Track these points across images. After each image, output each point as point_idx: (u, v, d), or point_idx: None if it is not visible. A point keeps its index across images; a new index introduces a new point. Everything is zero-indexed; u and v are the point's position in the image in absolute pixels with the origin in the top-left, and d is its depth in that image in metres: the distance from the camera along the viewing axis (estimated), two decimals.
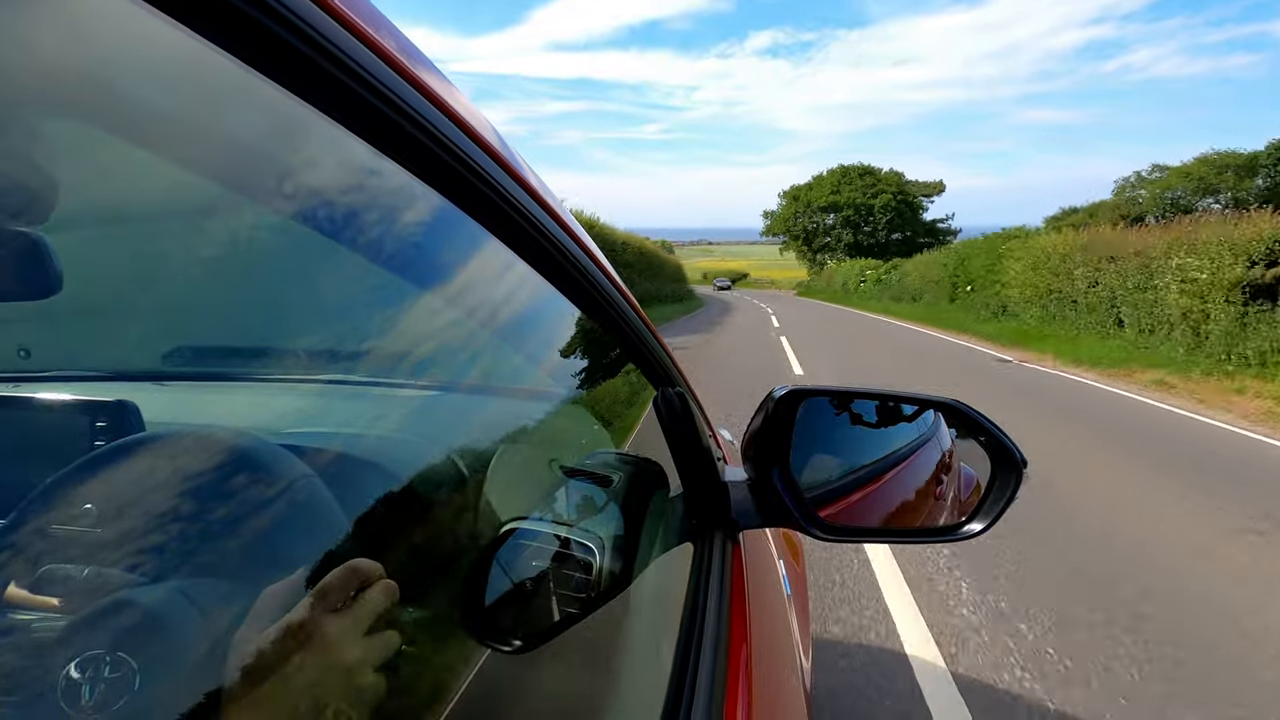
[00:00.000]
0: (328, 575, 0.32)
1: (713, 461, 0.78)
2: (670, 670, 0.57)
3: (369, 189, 0.37)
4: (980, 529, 0.72)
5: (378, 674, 0.32)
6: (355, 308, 0.47)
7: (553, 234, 0.47)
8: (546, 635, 0.50)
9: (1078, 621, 2.41)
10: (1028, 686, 2.02)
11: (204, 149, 0.30)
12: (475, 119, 0.39)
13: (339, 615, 0.31)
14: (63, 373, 0.69)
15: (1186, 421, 6.06)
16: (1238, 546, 3.15)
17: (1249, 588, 2.74)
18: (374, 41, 0.29)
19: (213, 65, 0.24)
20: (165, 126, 0.28)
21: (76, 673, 0.29)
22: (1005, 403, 6.57)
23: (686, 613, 0.65)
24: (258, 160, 0.33)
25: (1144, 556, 3.02)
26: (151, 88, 0.26)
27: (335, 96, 0.28)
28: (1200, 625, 2.43)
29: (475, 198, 0.39)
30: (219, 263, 0.38)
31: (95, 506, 0.35)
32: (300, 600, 0.31)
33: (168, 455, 0.40)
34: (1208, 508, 3.67)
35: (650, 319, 0.71)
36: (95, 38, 0.24)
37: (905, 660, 2.16)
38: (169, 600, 0.32)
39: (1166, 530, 3.34)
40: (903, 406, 0.79)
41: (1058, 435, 5.25)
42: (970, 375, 8.79)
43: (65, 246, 0.38)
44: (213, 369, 0.79)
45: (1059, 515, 3.45)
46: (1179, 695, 2.00)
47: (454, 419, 0.70)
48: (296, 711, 0.29)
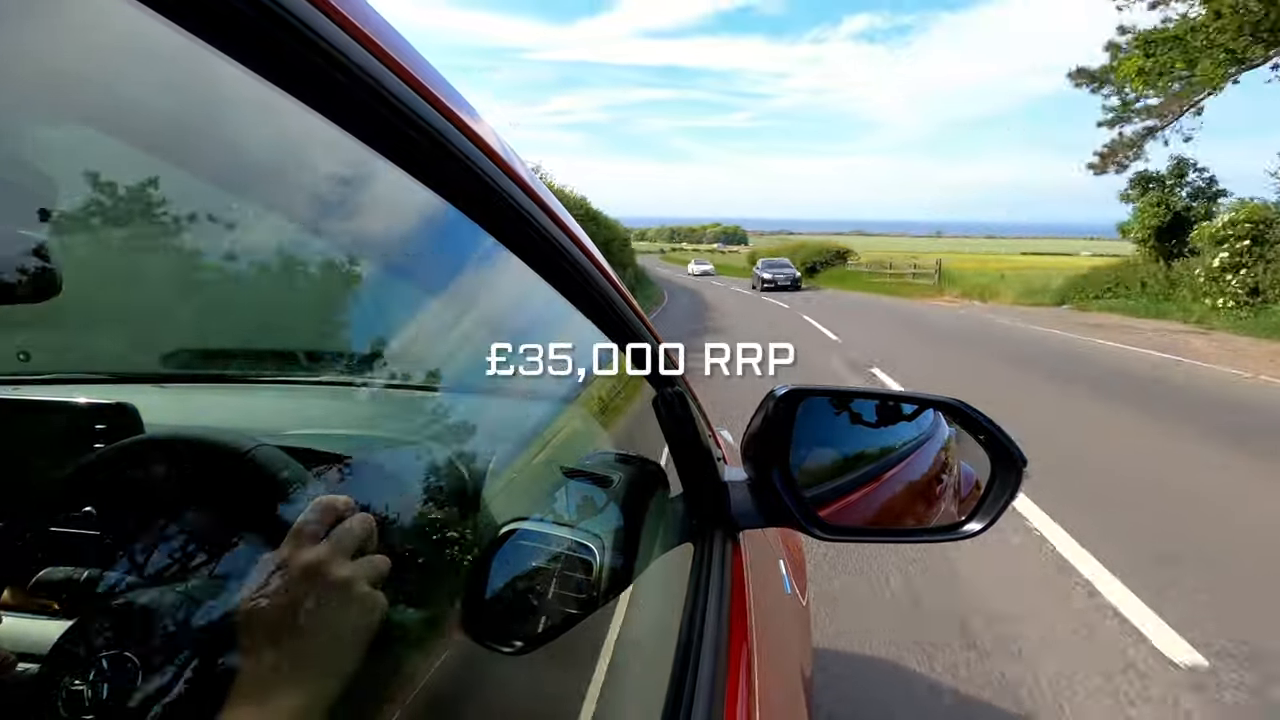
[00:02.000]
0: (301, 515, 0.31)
1: (713, 461, 0.78)
2: (670, 670, 0.57)
3: (367, 190, 0.37)
4: (980, 528, 0.72)
5: (373, 590, 0.31)
6: (354, 310, 0.47)
7: (551, 234, 0.47)
8: (547, 636, 0.50)
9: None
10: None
11: (203, 151, 0.30)
12: (475, 120, 0.39)
13: (324, 550, 0.30)
14: (62, 375, 0.69)
15: None
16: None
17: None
18: (371, 41, 0.29)
19: (212, 67, 0.24)
20: (165, 129, 0.28)
21: (78, 673, 0.29)
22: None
23: (686, 613, 0.65)
24: (257, 162, 0.33)
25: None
26: (151, 90, 0.27)
27: (333, 98, 0.28)
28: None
29: (473, 198, 0.39)
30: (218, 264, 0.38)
31: (96, 509, 0.35)
32: (281, 549, 0.30)
33: (168, 457, 0.40)
34: None
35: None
36: (96, 40, 0.24)
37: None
38: (169, 601, 0.32)
39: None
40: (902, 405, 0.79)
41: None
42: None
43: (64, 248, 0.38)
44: (213, 371, 0.79)
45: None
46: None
47: (454, 420, 0.70)
48: (305, 654, 0.28)
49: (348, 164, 0.35)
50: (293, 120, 0.29)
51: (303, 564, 0.29)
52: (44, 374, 0.67)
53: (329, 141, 0.31)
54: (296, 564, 0.29)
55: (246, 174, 0.33)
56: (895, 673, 1.94)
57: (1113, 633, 2.13)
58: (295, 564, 0.29)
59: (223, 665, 0.28)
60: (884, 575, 2.48)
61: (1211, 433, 4.52)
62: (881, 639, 2.07)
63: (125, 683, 0.30)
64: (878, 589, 2.41)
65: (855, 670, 1.95)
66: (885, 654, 2.01)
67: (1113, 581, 2.43)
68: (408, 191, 0.37)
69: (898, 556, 2.53)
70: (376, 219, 0.39)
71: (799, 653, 0.98)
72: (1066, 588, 2.43)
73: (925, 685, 1.88)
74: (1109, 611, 2.25)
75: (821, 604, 2.23)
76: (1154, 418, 4.99)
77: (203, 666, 0.31)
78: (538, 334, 0.67)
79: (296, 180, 0.34)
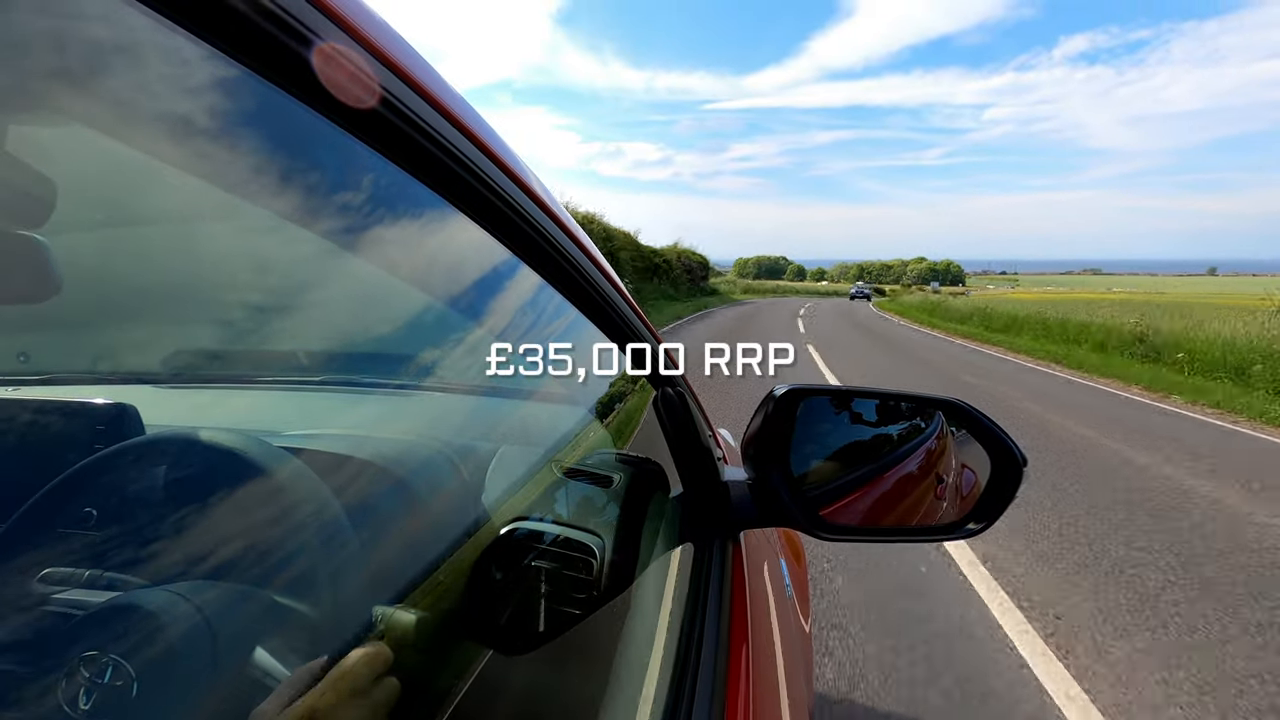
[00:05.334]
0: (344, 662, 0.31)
1: (713, 461, 0.78)
2: (670, 670, 0.57)
3: (367, 191, 0.37)
4: (981, 527, 0.72)
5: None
6: (354, 310, 0.47)
7: (550, 234, 0.47)
8: (547, 635, 0.50)
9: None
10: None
11: (203, 152, 0.30)
12: (475, 121, 0.39)
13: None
14: (62, 375, 0.69)
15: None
16: None
17: None
18: (377, 49, 0.29)
19: (214, 68, 0.24)
20: (164, 129, 0.28)
21: (76, 675, 0.29)
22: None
23: (687, 613, 0.65)
24: (256, 163, 0.33)
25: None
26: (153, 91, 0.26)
27: (335, 99, 0.28)
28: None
29: (473, 198, 0.39)
30: (218, 265, 0.38)
31: (95, 510, 0.35)
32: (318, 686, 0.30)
33: (168, 458, 0.40)
34: None
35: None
36: (96, 41, 0.23)
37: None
38: (169, 603, 0.32)
39: None
40: (902, 405, 0.79)
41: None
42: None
43: (64, 249, 0.38)
44: (213, 372, 0.79)
45: None
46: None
47: (454, 419, 0.70)
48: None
49: (350, 166, 0.35)
50: (293, 120, 0.29)
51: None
52: (44, 374, 0.67)
53: (331, 143, 0.31)
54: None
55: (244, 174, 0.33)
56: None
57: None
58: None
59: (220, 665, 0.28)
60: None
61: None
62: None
63: (123, 685, 0.30)
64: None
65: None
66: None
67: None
68: (409, 192, 0.37)
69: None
70: (377, 220, 0.39)
71: (799, 652, 0.98)
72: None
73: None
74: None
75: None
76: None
77: (200, 668, 0.31)
78: (538, 334, 0.67)
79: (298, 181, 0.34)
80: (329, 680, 0.30)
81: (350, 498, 0.45)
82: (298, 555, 0.40)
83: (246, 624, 0.34)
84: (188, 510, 0.37)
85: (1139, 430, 5.72)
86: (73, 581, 0.35)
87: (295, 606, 0.37)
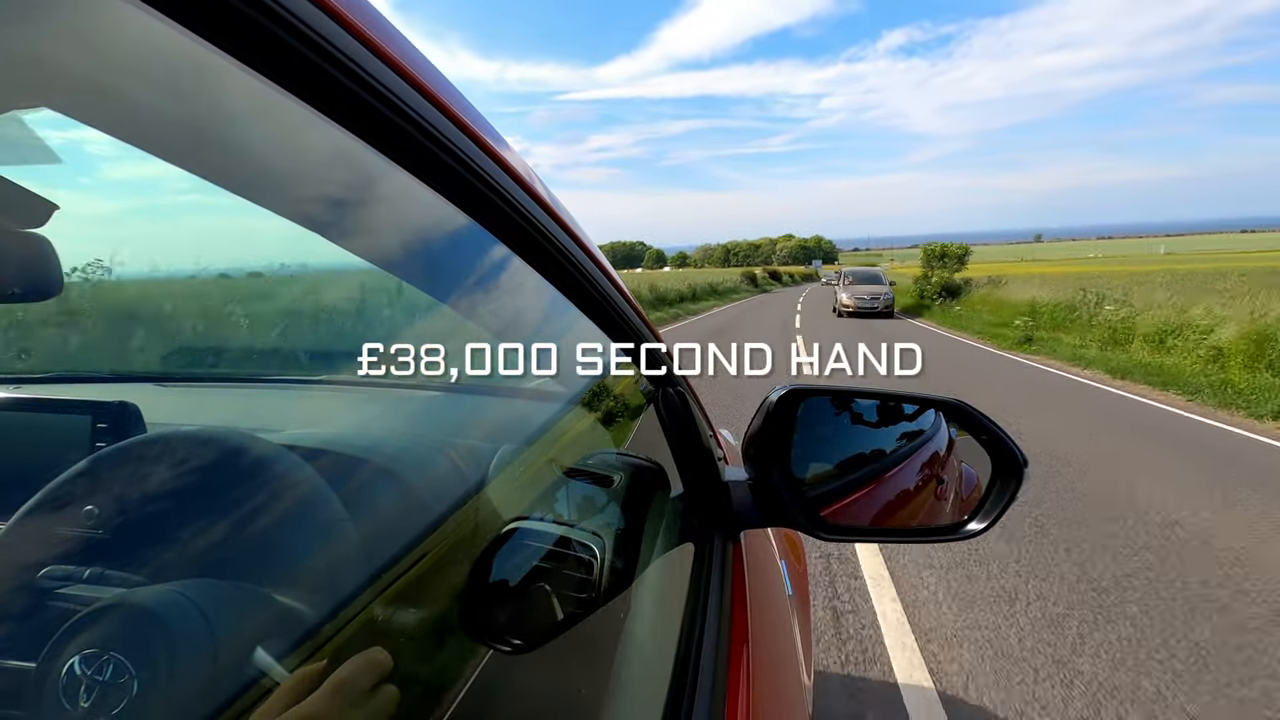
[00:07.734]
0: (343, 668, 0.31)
1: (713, 461, 0.78)
2: (670, 670, 0.57)
3: (368, 191, 0.37)
4: (981, 528, 0.72)
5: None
6: (355, 310, 0.47)
7: (552, 234, 0.47)
8: (547, 635, 0.50)
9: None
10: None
11: (205, 153, 0.30)
12: (477, 122, 0.39)
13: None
14: (64, 374, 0.69)
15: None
16: None
17: None
18: (377, 45, 0.29)
19: (216, 70, 0.24)
20: (167, 130, 0.28)
21: (76, 672, 0.29)
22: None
23: (687, 613, 0.65)
24: (258, 163, 0.33)
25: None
26: (156, 93, 0.27)
27: (337, 100, 0.28)
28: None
29: (474, 198, 0.39)
30: (218, 265, 0.38)
31: (97, 508, 0.35)
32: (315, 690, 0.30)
33: (169, 457, 0.40)
34: None
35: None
36: (100, 42, 0.24)
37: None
38: (170, 601, 0.32)
39: None
40: (903, 405, 0.79)
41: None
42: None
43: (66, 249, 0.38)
44: (214, 371, 0.79)
45: None
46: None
47: (454, 419, 0.70)
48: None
49: (352, 167, 0.35)
50: (295, 121, 0.29)
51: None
52: (45, 373, 0.67)
53: (333, 144, 0.31)
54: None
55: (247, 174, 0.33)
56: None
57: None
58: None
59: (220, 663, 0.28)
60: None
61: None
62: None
63: (123, 682, 0.30)
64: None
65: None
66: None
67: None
68: (410, 192, 0.37)
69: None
70: (379, 220, 0.39)
71: (799, 652, 0.98)
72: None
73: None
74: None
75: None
76: None
77: (200, 665, 0.31)
78: (539, 333, 0.67)
79: (300, 182, 0.34)
80: (326, 688, 0.30)
81: (351, 497, 0.45)
82: (298, 554, 0.40)
83: (246, 622, 0.34)
84: (189, 509, 0.37)
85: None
86: (74, 579, 0.35)
87: (295, 605, 0.37)
